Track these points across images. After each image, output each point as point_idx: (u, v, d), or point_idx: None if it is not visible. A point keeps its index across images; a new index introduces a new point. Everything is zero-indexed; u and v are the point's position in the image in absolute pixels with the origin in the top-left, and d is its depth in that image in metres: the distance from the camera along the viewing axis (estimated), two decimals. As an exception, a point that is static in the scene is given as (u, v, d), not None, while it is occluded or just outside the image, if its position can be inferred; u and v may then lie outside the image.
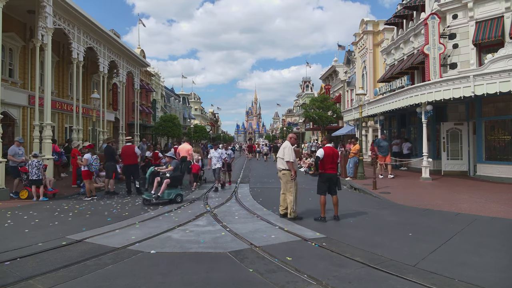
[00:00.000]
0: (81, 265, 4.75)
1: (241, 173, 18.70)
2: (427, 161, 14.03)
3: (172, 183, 9.73)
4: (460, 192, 10.99)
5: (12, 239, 5.98)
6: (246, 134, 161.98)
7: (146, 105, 38.23)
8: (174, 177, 9.83)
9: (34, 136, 12.89)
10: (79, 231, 6.49)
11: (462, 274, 4.43)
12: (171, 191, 9.68)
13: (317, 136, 46.46)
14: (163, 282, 4.22)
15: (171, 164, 10.12)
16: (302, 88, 72.08)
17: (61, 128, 19.96)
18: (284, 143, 7.93)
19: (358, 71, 30.26)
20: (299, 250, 5.48)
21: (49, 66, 13.30)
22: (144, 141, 19.91)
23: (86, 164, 10.66)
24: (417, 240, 6.01)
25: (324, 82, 46.82)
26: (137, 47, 35.02)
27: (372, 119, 21.36)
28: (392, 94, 16.45)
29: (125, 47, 22.40)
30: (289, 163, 7.58)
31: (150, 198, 9.38)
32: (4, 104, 13.54)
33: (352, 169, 14.86)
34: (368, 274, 4.48)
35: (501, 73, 11.39)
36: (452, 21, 16.09)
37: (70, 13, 15.32)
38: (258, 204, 9.59)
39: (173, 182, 9.80)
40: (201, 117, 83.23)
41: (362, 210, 8.57)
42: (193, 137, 51.81)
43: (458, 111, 16.13)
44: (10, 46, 15.60)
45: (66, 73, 20.40)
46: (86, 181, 10.77)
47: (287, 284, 4.16)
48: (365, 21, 27.72)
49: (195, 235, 6.36)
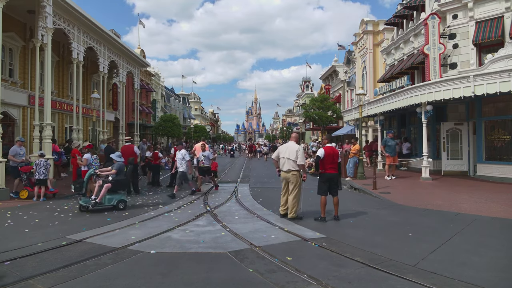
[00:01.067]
0: (81, 265, 4.75)
1: (241, 173, 18.70)
2: (427, 161, 14.03)
3: (114, 187, 8.77)
4: (460, 192, 10.99)
5: (12, 239, 5.98)
6: (246, 134, 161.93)
7: (146, 105, 38.23)
8: (117, 181, 8.85)
9: (34, 136, 12.88)
10: (79, 231, 6.49)
11: (462, 274, 4.43)
12: (113, 197, 8.70)
13: (317, 136, 46.46)
14: (163, 282, 4.22)
15: (114, 167, 9.05)
16: (302, 88, 72.13)
17: (61, 128, 19.96)
18: (291, 144, 7.72)
19: (358, 71, 30.26)
20: (299, 250, 5.48)
21: (49, 66, 13.29)
22: (144, 141, 19.91)
23: (86, 164, 10.65)
24: (417, 240, 6.01)
25: (324, 82, 46.83)
26: (137, 47, 35.04)
27: (372, 119, 21.34)
28: (392, 94, 16.45)
29: (125, 47, 22.40)
30: (301, 165, 7.56)
31: (87, 205, 8.40)
32: (4, 104, 13.54)
33: (352, 169, 14.85)
34: (368, 274, 4.48)
35: (501, 73, 11.39)
36: (452, 21, 16.09)
37: (70, 13, 15.32)
38: (258, 204, 9.59)
39: (115, 187, 8.82)
40: (201, 117, 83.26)
41: (362, 210, 8.57)
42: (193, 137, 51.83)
43: (458, 111, 16.13)
44: (10, 46, 15.60)
45: (66, 73, 20.40)
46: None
47: (287, 284, 4.16)
48: (365, 21, 27.73)
49: (195, 235, 6.36)
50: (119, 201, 8.74)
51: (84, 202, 8.48)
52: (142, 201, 10.14)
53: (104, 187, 8.56)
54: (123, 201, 8.84)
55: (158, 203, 9.66)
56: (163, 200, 10.30)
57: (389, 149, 14.73)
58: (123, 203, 8.80)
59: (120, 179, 9.01)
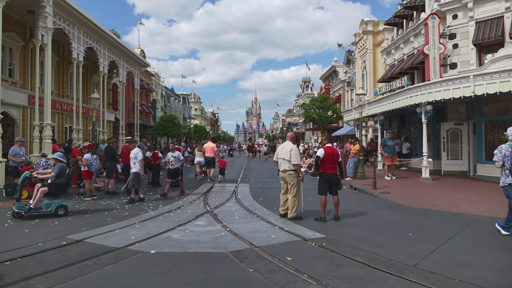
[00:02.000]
0: (81, 265, 4.75)
1: (241, 173, 18.70)
2: (427, 161, 14.03)
3: (52, 191, 7.99)
4: (460, 192, 10.99)
5: (12, 239, 5.98)
6: (246, 134, 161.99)
7: (146, 105, 38.23)
8: (56, 185, 8.07)
9: (34, 136, 12.90)
10: (79, 231, 6.49)
11: (462, 274, 4.43)
12: (52, 202, 7.90)
13: (317, 136, 46.47)
14: (163, 282, 4.22)
15: (54, 169, 8.25)
16: (302, 88, 72.10)
17: (61, 128, 19.95)
18: (287, 144, 7.72)
19: (358, 71, 30.25)
20: (299, 250, 5.48)
21: (49, 66, 13.31)
22: (144, 141, 19.89)
23: (86, 164, 10.66)
24: (417, 240, 6.01)
25: (324, 82, 46.82)
26: (137, 47, 35.05)
27: (372, 119, 21.35)
28: (392, 94, 16.44)
29: (125, 47, 22.41)
30: (296, 165, 7.56)
31: (21, 211, 7.58)
32: (4, 104, 13.54)
33: (352, 169, 14.85)
34: (368, 274, 4.48)
35: (501, 73, 11.39)
36: (452, 21, 16.09)
37: (70, 13, 15.33)
38: (258, 204, 9.59)
39: (53, 191, 8.02)
40: (201, 117, 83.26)
41: (362, 210, 8.57)
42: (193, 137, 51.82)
43: (458, 111, 16.13)
44: (10, 46, 15.60)
45: (66, 73, 20.40)
46: (86, 181, 10.77)
47: (287, 284, 4.16)
48: (365, 21, 27.71)
49: (195, 235, 6.36)
50: (59, 207, 7.93)
51: (17, 208, 7.61)
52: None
53: (40, 191, 7.87)
54: (63, 207, 8.01)
55: (158, 203, 9.66)
56: (163, 200, 10.31)
57: (388, 149, 14.69)
58: (63, 208, 7.97)
59: (59, 182, 8.17)
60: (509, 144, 6.26)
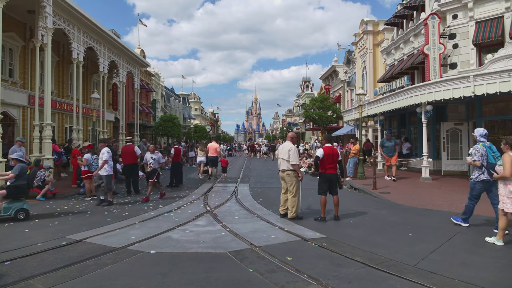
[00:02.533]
0: (81, 265, 4.75)
1: (241, 173, 18.70)
2: (427, 161, 14.03)
3: (11, 194, 7.55)
4: (460, 192, 10.98)
5: (12, 239, 5.98)
6: (246, 134, 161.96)
7: (146, 105, 38.24)
8: (15, 187, 7.63)
9: (34, 136, 12.90)
10: (79, 231, 6.49)
11: (462, 274, 4.43)
12: (11, 206, 7.45)
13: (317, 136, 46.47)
14: (163, 282, 4.22)
15: (13, 170, 7.78)
16: (302, 88, 72.11)
17: (61, 128, 19.95)
18: (286, 144, 7.74)
19: (358, 71, 30.25)
20: (299, 250, 5.48)
21: (49, 66, 13.31)
22: (144, 141, 19.91)
23: (86, 164, 10.65)
24: (417, 240, 6.01)
25: (324, 82, 46.84)
26: (137, 47, 35.04)
27: (372, 119, 21.35)
28: (392, 94, 16.45)
29: (125, 47, 22.42)
30: (295, 165, 7.57)
31: None
32: (4, 104, 13.54)
33: (352, 169, 14.85)
34: (368, 274, 4.48)
35: (501, 73, 11.39)
36: (452, 21, 16.08)
37: (70, 13, 15.33)
38: (258, 204, 9.58)
39: (13, 194, 7.57)
40: (201, 117, 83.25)
41: (362, 210, 8.57)
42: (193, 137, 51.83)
43: (458, 111, 16.13)
44: (10, 46, 15.60)
45: (66, 73, 20.40)
46: (86, 181, 10.77)
47: (287, 284, 4.16)
48: (365, 21, 27.72)
49: (195, 235, 6.36)
50: (18, 211, 7.46)
51: None
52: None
53: None
54: (24, 210, 7.56)
55: (158, 203, 9.66)
56: (163, 200, 10.30)
57: (386, 150, 14.58)
58: (23, 212, 7.52)
59: (19, 185, 7.69)
60: (482, 144, 6.73)
